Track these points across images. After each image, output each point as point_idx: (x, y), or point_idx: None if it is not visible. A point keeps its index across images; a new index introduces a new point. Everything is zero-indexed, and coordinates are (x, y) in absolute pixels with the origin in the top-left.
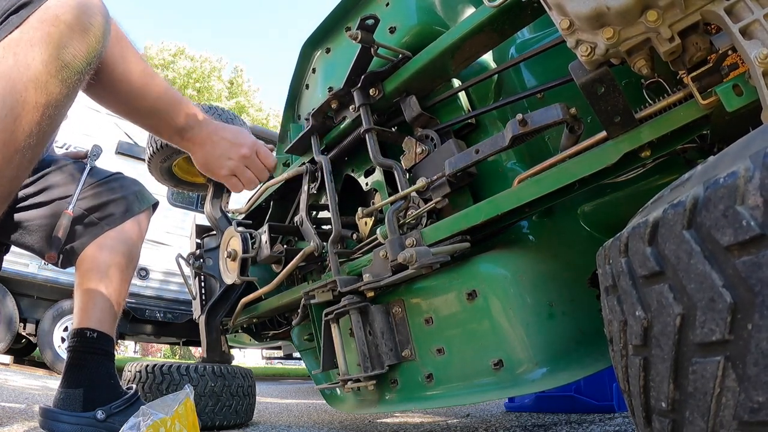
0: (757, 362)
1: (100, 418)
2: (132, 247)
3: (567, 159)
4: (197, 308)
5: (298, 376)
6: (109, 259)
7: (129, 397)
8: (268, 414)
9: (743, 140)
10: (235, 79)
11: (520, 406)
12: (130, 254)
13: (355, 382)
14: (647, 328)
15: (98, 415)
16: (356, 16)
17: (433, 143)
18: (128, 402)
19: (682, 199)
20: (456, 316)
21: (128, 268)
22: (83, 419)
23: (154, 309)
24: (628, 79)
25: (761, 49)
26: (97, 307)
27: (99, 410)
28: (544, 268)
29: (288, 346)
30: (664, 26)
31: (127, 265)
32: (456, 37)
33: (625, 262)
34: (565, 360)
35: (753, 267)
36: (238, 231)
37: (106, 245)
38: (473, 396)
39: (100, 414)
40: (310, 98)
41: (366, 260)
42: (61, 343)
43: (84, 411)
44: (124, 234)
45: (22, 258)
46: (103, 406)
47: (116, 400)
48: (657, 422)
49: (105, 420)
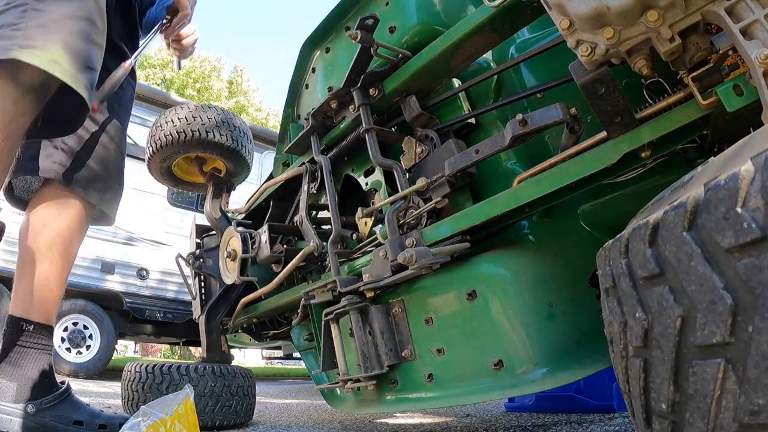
0: (757, 365)
1: (30, 411)
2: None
3: (567, 159)
4: (197, 308)
5: (298, 376)
6: (55, 233)
7: (60, 392)
8: (268, 414)
9: (744, 141)
10: (235, 79)
11: (520, 406)
12: (71, 239)
13: (355, 382)
14: (647, 329)
15: (29, 409)
16: (356, 16)
17: (433, 143)
18: (59, 398)
19: (683, 201)
20: (456, 316)
21: (71, 247)
22: (12, 410)
23: (154, 309)
24: (628, 79)
25: (762, 50)
26: (36, 292)
27: (30, 404)
28: (544, 268)
29: (288, 346)
30: (664, 26)
31: (69, 245)
32: (456, 37)
33: (626, 263)
34: (565, 360)
35: (754, 269)
36: (237, 231)
37: (58, 214)
38: (473, 396)
39: (31, 408)
40: (309, 98)
41: (366, 260)
42: (61, 343)
43: (15, 402)
44: (80, 211)
45: None
46: (35, 400)
47: (48, 395)
48: (657, 423)
49: (35, 414)
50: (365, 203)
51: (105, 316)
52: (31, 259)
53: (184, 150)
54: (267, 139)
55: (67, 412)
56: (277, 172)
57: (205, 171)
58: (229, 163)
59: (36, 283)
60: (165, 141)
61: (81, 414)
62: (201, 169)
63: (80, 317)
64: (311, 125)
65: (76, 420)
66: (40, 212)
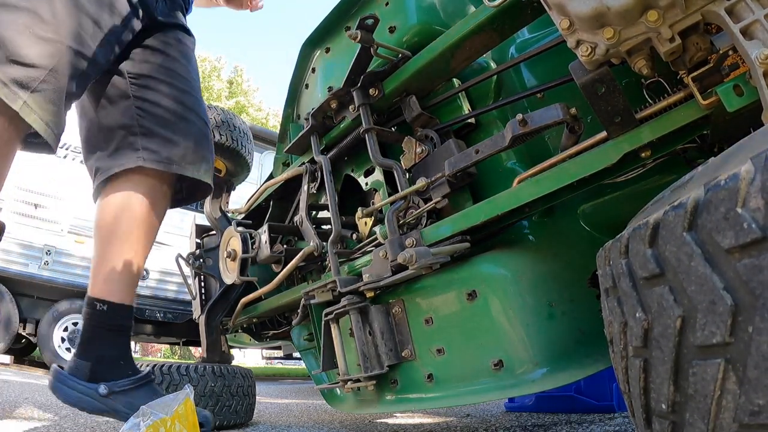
0: (757, 365)
1: (102, 392)
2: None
3: (567, 159)
4: (197, 308)
5: (298, 376)
6: (133, 214)
7: (137, 378)
8: (268, 414)
9: (744, 141)
10: (235, 79)
11: (520, 406)
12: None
13: (355, 382)
14: (647, 329)
15: (100, 390)
16: (356, 16)
17: (433, 143)
18: (135, 383)
19: (683, 201)
20: (456, 316)
21: (152, 228)
22: (85, 388)
23: (154, 309)
24: (628, 79)
25: (762, 50)
26: (112, 273)
27: (102, 385)
28: (544, 268)
29: (288, 346)
30: (664, 26)
31: (151, 226)
32: (456, 37)
33: (626, 263)
34: (565, 360)
35: (754, 270)
36: (237, 231)
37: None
38: (473, 396)
39: (103, 389)
40: (309, 98)
41: (366, 260)
42: (61, 343)
43: (89, 381)
44: (160, 190)
45: (22, 258)
46: (107, 382)
47: (123, 378)
48: (657, 424)
49: (107, 396)
50: (365, 203)
51: None
52: (108, 240)
53: None
54: (267, 139)
55: (141, 400)
56: (277, 172)
57: None
58: (229, 163)
59: (111, 264)
60: None
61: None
62: None
63: (80, 317)
64: (311, 125)
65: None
66: (118, 197)
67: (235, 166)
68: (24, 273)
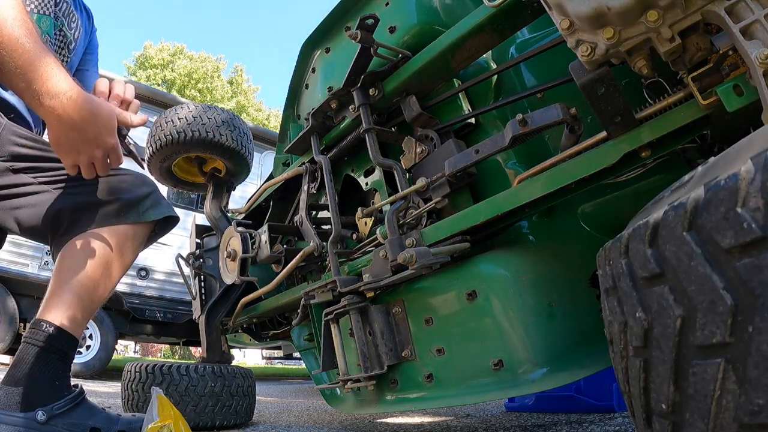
0: (757, 365)
1: (40, 419)
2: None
3: (567, 159)
4: (197, 308)
5: (298, 376)
6: (90, 253)
7: (73, 396)
8: (268, 414)
9: (744, 141)
10: (235, 79)
11: (520, 406)
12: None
13: (355, 382)
14: (648, 329)
15: (38, 417)
16: (356, 16)
17: (433, 143)
18: (72, 402)
19: (683, 201)
20: (456, 316)
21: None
22: (22, 420)
23: (154, 309)
24: (628, 79)
25: (762, 50)
26: (63, 299)
27: (39, 411)
28: (544, 268)
29: (288, 346)
30: (664, 26)
31: (108, 266)
32: (456, 37)
33: (626, 263)
34: (565, 360)
35: (754, 269)
36: (237, 231)
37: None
38: (473, 396)
39: (41, 415)
40: (309, 98)
41: (366, 260)
42: None
43: (23, 411)
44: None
45: (22, 258)
46: (44, 406)
47: (59, 400)
48: (657, 424)
49: (46, 422)
50: (365, 203)
51: (105, 316)
52: (70, 268)
53: (184, 150)
54: (267, 139)
55: (81, 418)
56: (277, 172)
57: (205, 171)
58: (229, 163)
59: (69, 292)
60: (165, 141)
61: (97, 420)
62: (201, 169)
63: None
64: (311, 125)
65: (93, 427)
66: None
67: (236, 166)
68: (24, 273)
